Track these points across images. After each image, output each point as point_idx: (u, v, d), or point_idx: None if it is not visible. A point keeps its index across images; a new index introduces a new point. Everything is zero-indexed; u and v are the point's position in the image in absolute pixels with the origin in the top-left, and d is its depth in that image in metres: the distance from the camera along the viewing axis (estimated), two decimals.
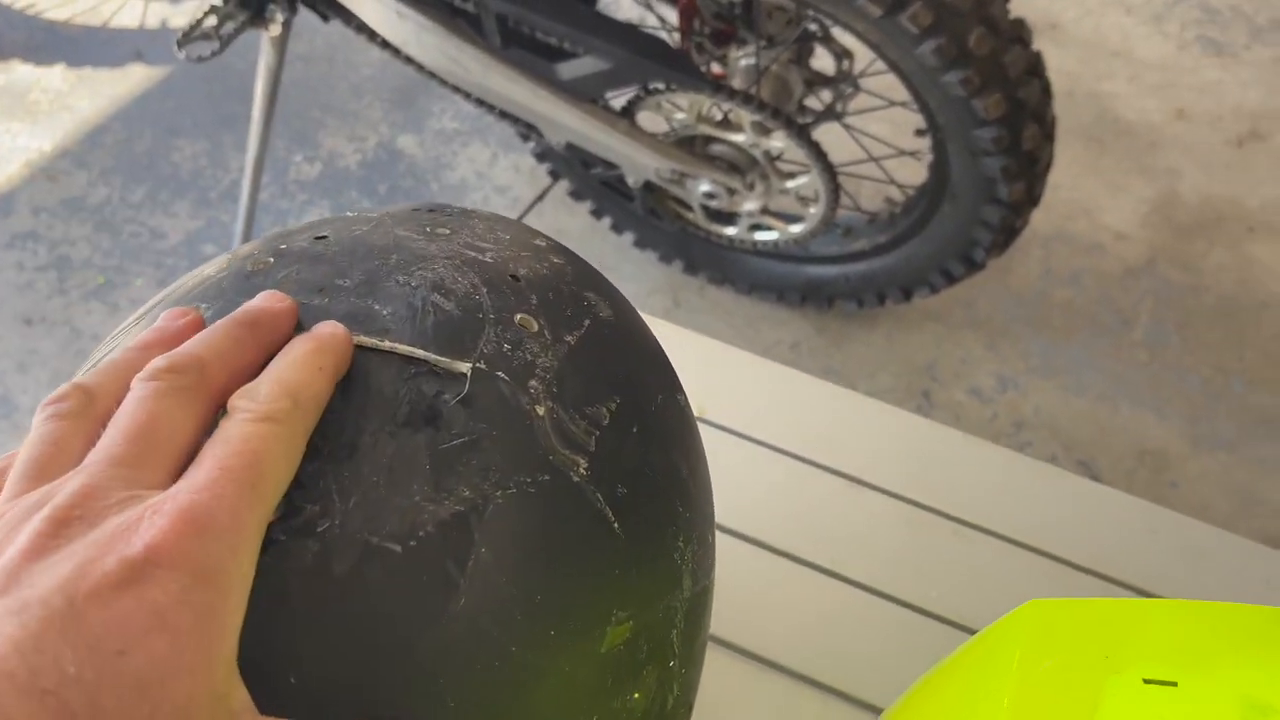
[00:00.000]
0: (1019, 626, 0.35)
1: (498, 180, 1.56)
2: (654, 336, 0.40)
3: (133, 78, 1.64)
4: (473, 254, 0.36)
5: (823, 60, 1.28)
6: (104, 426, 0.26)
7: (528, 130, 1.20)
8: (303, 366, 0.27)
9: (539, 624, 0.29)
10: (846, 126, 1.26)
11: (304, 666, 0.26)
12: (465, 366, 0.31)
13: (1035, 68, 1.01)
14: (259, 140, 1.29)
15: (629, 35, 1.05)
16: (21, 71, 1.64)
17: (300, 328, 0.31)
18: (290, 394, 0.27)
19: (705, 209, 1.26)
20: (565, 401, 0.32)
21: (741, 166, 1.17)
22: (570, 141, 1.16)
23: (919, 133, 1.13)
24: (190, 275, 0.37)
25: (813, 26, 1.18)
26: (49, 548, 0.23)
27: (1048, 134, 1.05)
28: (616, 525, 0.32)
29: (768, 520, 0.57)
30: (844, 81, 1.22)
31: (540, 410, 0.31)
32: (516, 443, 0.30)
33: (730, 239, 1.30)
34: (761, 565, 0.55)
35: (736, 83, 1.19)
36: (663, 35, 1.16)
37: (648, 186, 1.27)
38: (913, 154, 1.25)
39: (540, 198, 1.55)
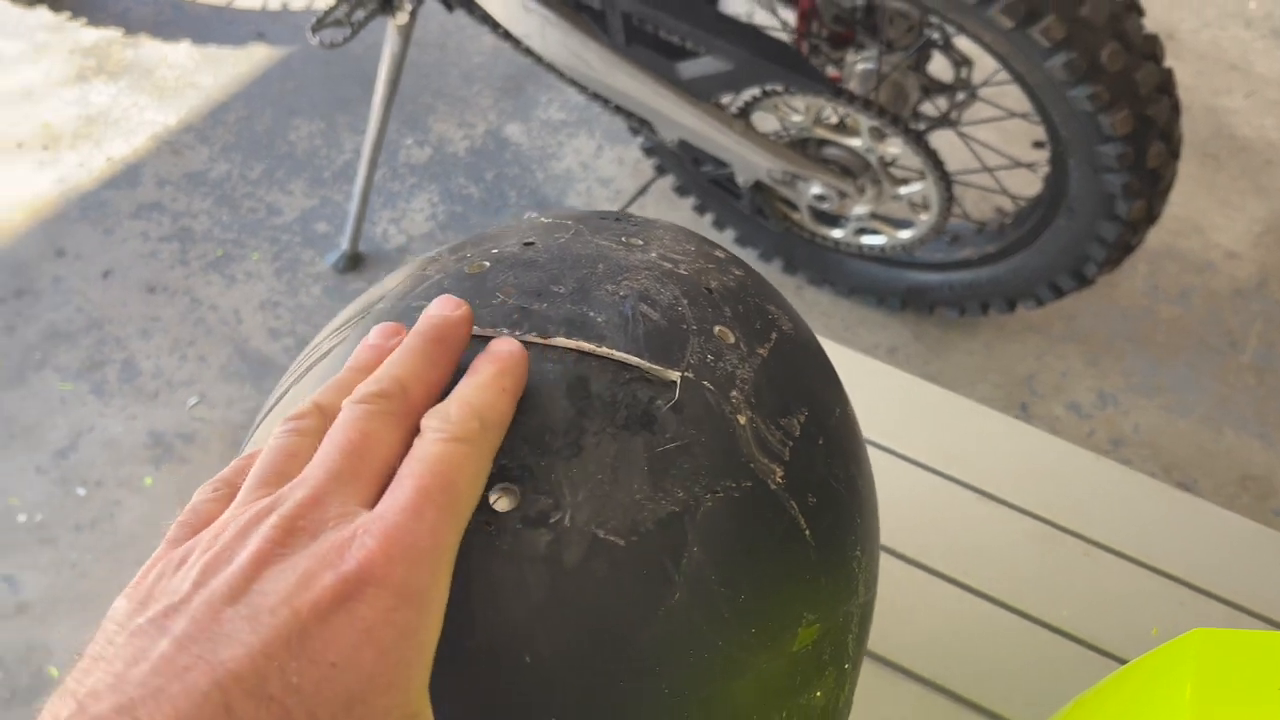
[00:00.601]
0: (1185, 656, 0.36)
1: (601, 172, 1.58)
2: (824, 350, 0.42)
3: (254, 57, 1.69)
4: (669, 265, 0.37)
5: (937, 65, 1.27)
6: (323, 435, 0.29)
7: (640, 125, 1.21)
8: (488, 388, 0.29)
9: (742, 622, 0.31)
10: (961, 134, 1.25)
11: (537, 646, 0.29)
12: (675, 375, 0.33)
13: (1166, 85, 1.00)
14: (379, 124, 1.33)
15: (752, 37, 1.06)
16: (149, 47, 1.70)
17: (521, 326, 0.33)
18: (478, 415, 0.28)
19: (813, 211, 1.27)
20: (762, 412, 0.34)
21: (854, 170, 1.17)
22: (684, 139, 1.18)
23: (1038, 145, 1.12)
24: (394, 276, 0.39)
25: (934, 34, 1.18)
26: (276, 555, 0.25)
27: (1173, 152, 1.04)
28: (808, 532, 0.34)
29: (899, 529, 0.58)
30: (961, 89, 1.22)
31: (742, 419, 0.33)
32: (722, 449, 0.32)
33: (836, 241, 1.30)
34: (894, 573, 0.56)
35: (853, 86, 1.19)
36: (780, 36, 1.16)
37: (757, 186, 1.28)
38: (1029, 165, 1.24)
39: (642, 191, 1.57)
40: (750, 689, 0.32)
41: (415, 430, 0.28)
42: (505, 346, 0.31)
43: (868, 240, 1.28)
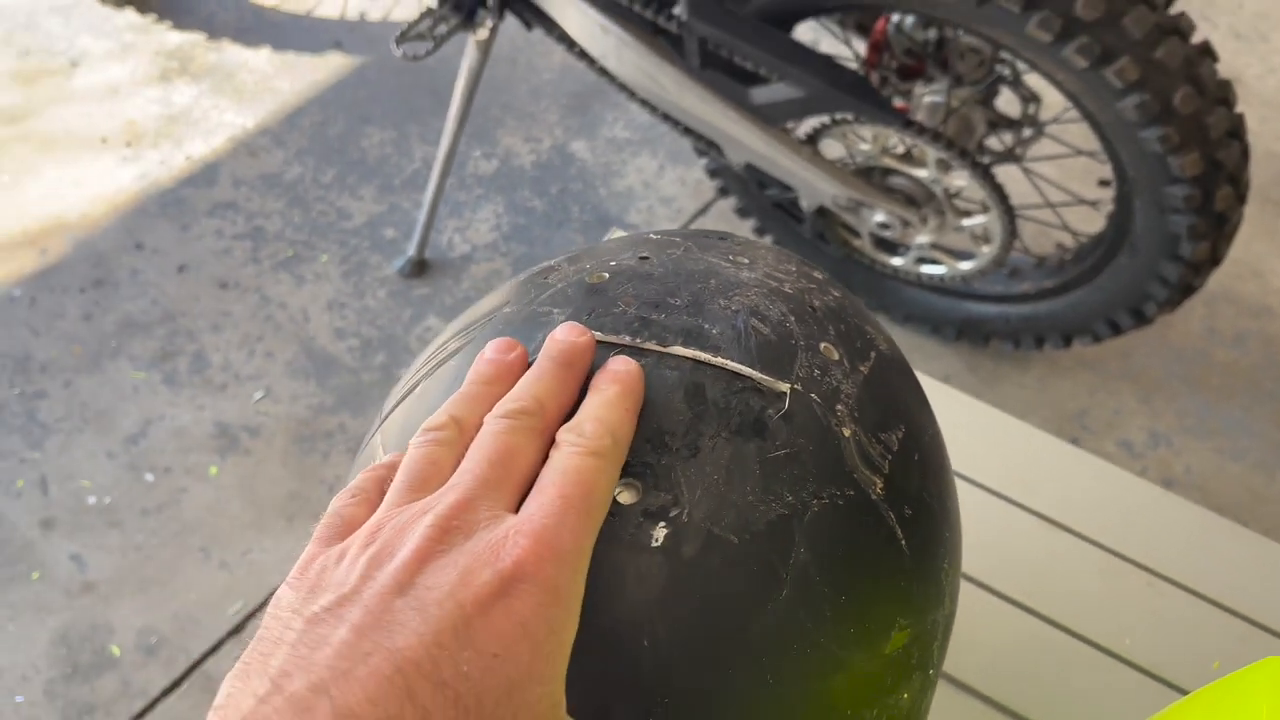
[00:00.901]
0: (1260, 683, 0.37)
1: (663, 191, 1.61)
2: (913, 371, 0.44)
3: (331, 65, 1.75)
4: (775, 284, 0.40)
5: (1005, 99, 1.29)
6: (464, 446, 0.31)
7: (708, 147, 1.24)
8: (615, 406, 0.32)
9: (843, 621, 0.33)
10: (1026, 170, 1.26)
11: (655, 632, 0.31)
12: (785, 387, 0.35)
13: (1237, 130, 1.00)
14: (453, 135, 1.36)
15: (824, 66, 1.08)
16: (231, 52, 1.76)
17: (641, 334, 0.35)
18: (610, 432, 0.31)
19: (875, 238, 1.29)
20: (865, 426, 0.36)
21: (919, 200, 1.19)
22: (751, 162, 1.20)
23: (1103, 183, 1.13)
24: (512, 284, 0.41)
25: (1004, 70, 1.19)
26: (436, 552, 0.27)
27: (1241, 196, 1.04)
28: (903, 542, 0.36)
29: (967, 550, 0.59)
30: (1029, 125, 1.23)
31: (846, 432, 0.35)
32: (827, 459, 0.34)
33: (895, 269, 1.32)
34: (961, 593, 0.58)
35: (920, 118, 1.21)
36: (850, 66, 1.18)
37: (819, 211, 1.30)
38: (1093, 203, 1.25)
39: (703, 210, 1.59)
40: (846, 685, 0.34)
41: (550, 443, 0.31)
42: (624, 366, 0.33)
43: (927, 269, 1.30)
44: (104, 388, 1.36)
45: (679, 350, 0.35)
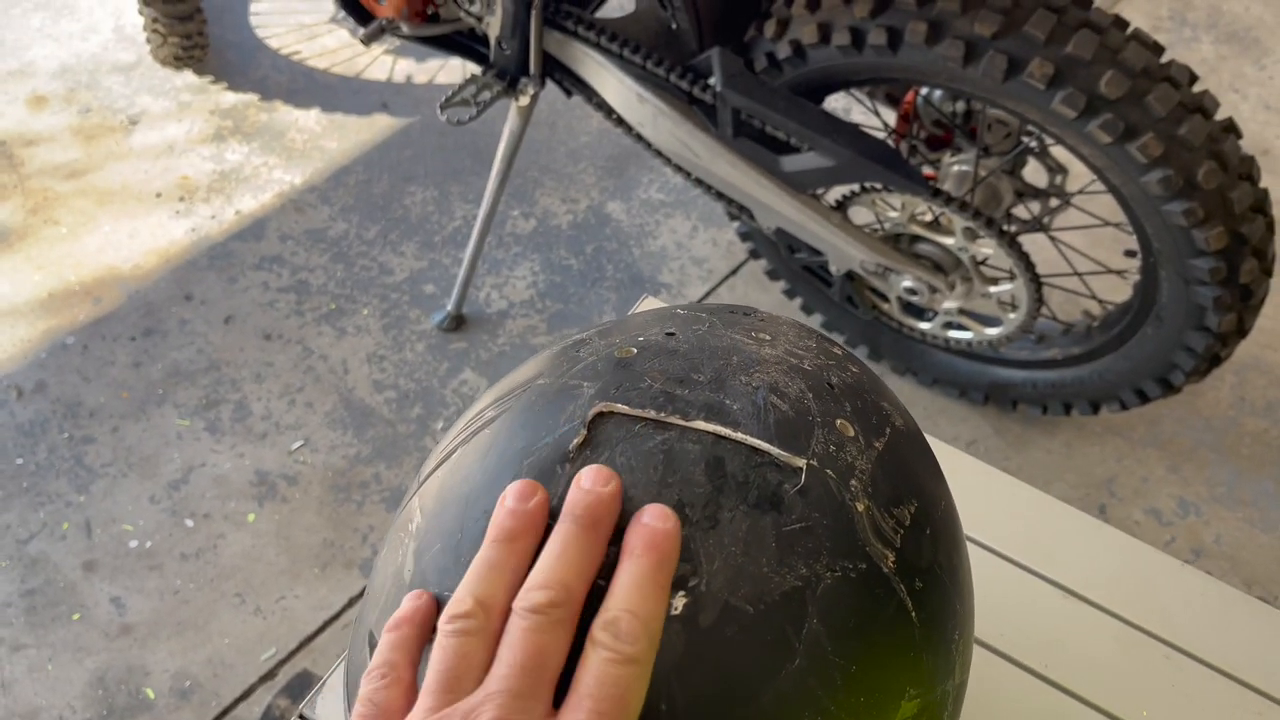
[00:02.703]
0: None
1: (696, 252, 1.64)
2: (929, 445, 0.46)
3: (377, 125, 1.81)
4: (794, 361, 0.42)
5: (1032, 170, 1.31)
6: (497, 640, 0.32)
7: (739, 211, 1.27)
8: (651, 593, 0.32)
9: (853, 690, 0.35)
10: (1053, 238, 1.28)
11: (673, 697, 0.33)
12: (802, 462, 0.37)
13: (1261, 205, 1.02)
14: (493, 195, 1.41)
15: (854, 136, 1.11)
16: (282, 112, 1.83)
17: (666, 408, 0.37)
18: (647, 631, 0.31)
19: (903, 302, 1.31)
20: (878, 501, 0.38)
21: (946, 267, 1.21)
22: (781, 227, 1.23)
23: (1129, 253, 1.15)
24: (545, 355, 0.44)
25: (1031, 142, 1.22)
26: None
27: (1266, 269, 1.06)
28: (914, 614, 0.37)
29: (983, 618, 0.60)
30: (1055, 196, 1.25)
31: (860, 506, 0.37)
32: (841, 532, 0.36)
33: (923, 333, 1.34)
34: (977, 660, 0.59)
35: (948, 186, 1.23)
36: (878, 135, 1.22)
37: (848, 275, 1.32)
38: (1119, 272, 1.27)
39: (734, 272, 1.62)
40: None
41: (579, 626, 0.32)
42: (661, 524, 0.33)
43: (955, 334, 1.31)
44: (149, 434, 1.40)
45: (700, 425, 0.37)
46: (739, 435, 0.37)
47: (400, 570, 0.38)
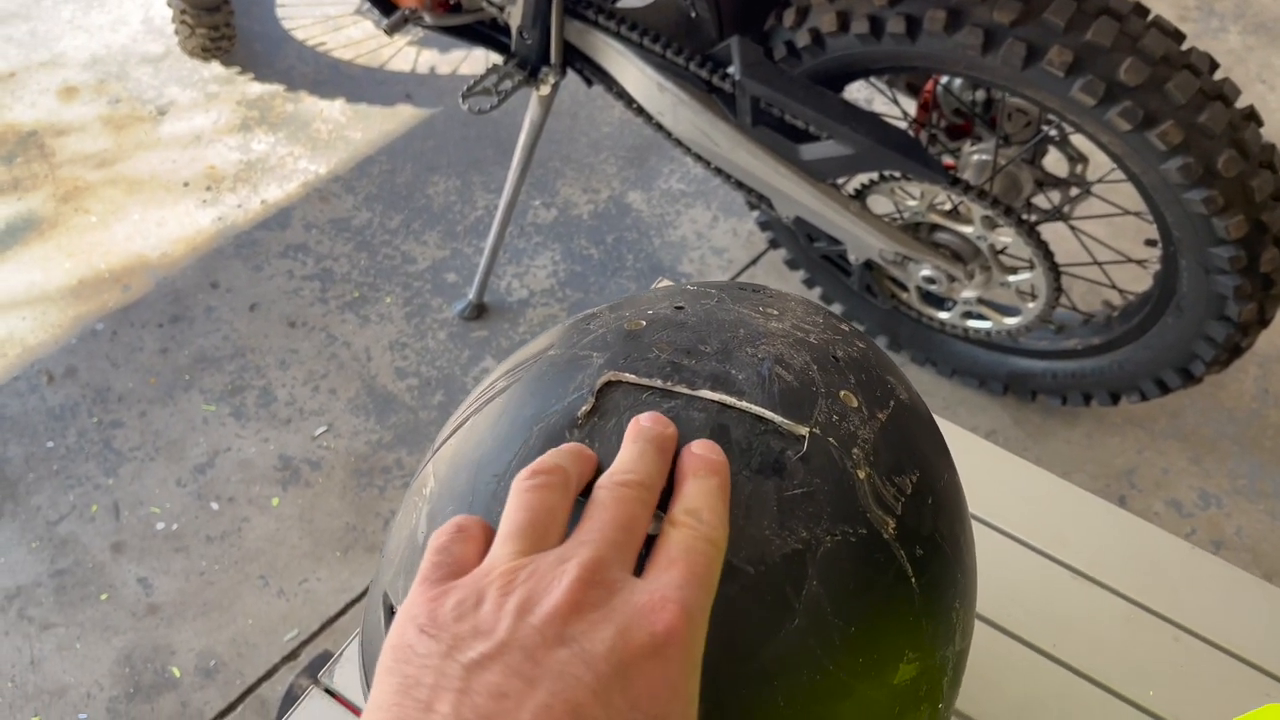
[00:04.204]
0: None
1: (715, 242, 1.65)
2: (935, 422, 0.46)
3: (401, 116, 1.82)
4: (801, 334, 0.43)
5: (1052, 159, 1.31)
6: (572, 499, 0.33)
7: (759, 201, 1.28)
8: (720, 500, 0.33)
9: (852, 650, 0.36)
10: (1072, 228, 1.28)
11: None
12: (804, 430, 0.38)
13: None
14: (515, 185, 1.42)
15: (874, 125, 1.11)
16: (308, 103, 1.85)
17: (673, 378, 0.38)
18: (723, 524, 0.33)
19: (922, 292, 1.31)
20: (879, 469, 0.39)
21: (965, 256, 1.21)
22: (800, 216, 1.23)
23: (1149, 242, 1.15)
24: (556, 330, 0.45)
25: (1051, 130, 1.22)
26: (585, 604, 0.29)
27: None
28: (914, 580, 0.38)
29: (993, 597, 0.61)
30: (1075, 185, 1.25)
31: (861, 474, 0.38)
32: (842, 499, 0.37)
33: (942, 323, 1.34)
34: (985, 639, 0.59)
35: (967, 176, 1.23)
36: (898, 124, 1.22)
37: (867, 264, 1.32)
38: (1140, 262, 1.26)
39: (753, 261, 1.63)
40: (854, 711, 0.36)
41: (654, 514, 0.33)
42: (716, 455, 0.35)
43: (974, 324, 1.31)
44: (176, 419, 1.43)
45: (706, 394, 0.38)
46: (743, 404, 0.38)
47: (414, 533, 0.40)
